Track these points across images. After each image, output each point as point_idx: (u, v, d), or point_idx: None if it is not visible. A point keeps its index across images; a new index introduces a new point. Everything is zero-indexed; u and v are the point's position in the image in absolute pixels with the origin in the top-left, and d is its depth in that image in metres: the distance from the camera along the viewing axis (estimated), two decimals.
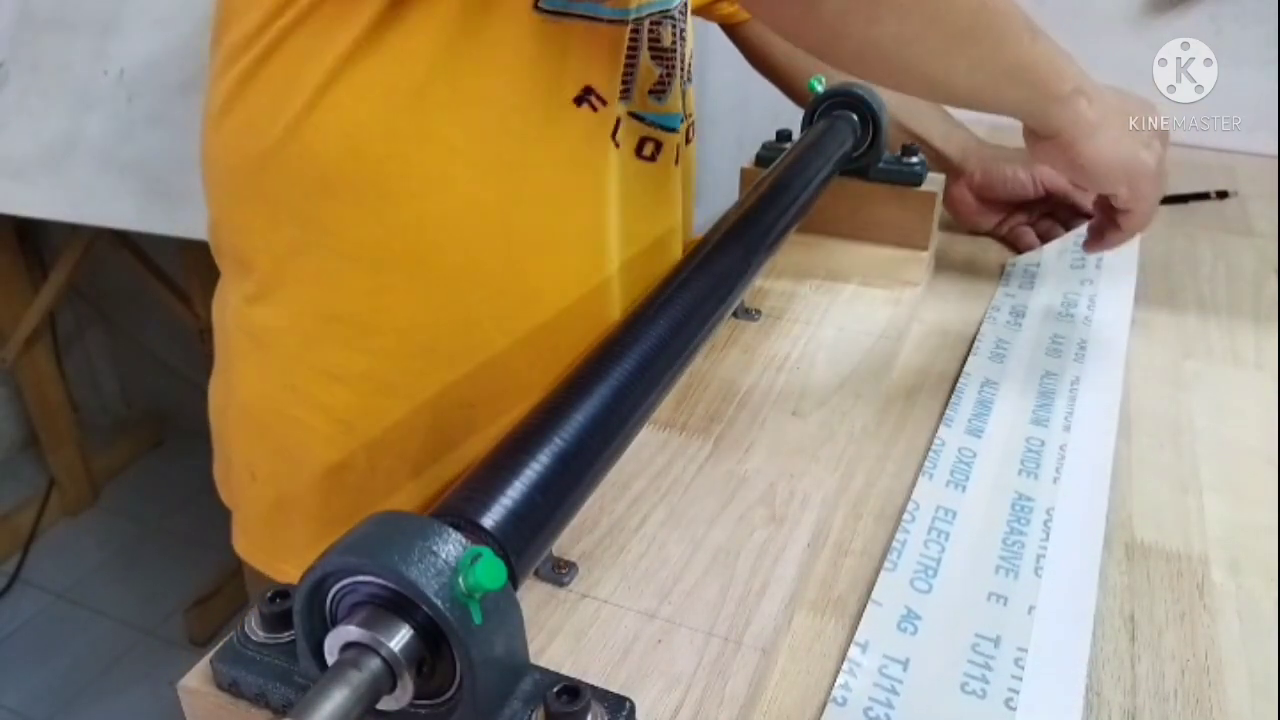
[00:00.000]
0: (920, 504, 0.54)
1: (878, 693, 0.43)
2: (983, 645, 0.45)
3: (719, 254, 0.55)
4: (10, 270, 1.76)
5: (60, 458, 1.92)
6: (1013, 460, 0.58)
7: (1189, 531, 0.54)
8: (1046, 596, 0.48)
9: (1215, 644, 0.46)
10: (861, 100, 0.73)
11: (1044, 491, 0.55)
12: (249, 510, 0.73)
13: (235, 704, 0.36)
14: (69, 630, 1.73)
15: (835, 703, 0.43)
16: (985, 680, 0.44)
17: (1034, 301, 0.76)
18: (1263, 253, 0.87)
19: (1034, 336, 0.71)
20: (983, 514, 0.54)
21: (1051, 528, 0.53)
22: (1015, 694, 0.43)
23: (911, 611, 0.47)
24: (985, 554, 0.51)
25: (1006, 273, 0.81)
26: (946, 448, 0.59)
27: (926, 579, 0.49)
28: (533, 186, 0.60)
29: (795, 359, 0.65)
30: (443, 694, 0.33)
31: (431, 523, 0.32)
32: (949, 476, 0.57)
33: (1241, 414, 0.63)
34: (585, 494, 0.41)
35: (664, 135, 0.66)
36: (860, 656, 0.45)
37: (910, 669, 0.44)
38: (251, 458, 0.71)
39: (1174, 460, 0.59)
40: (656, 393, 0.46)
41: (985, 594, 0.48)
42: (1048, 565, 0.50)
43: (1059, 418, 0.62)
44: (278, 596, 0.36)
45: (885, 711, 0.42)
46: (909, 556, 0.51)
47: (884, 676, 0.44)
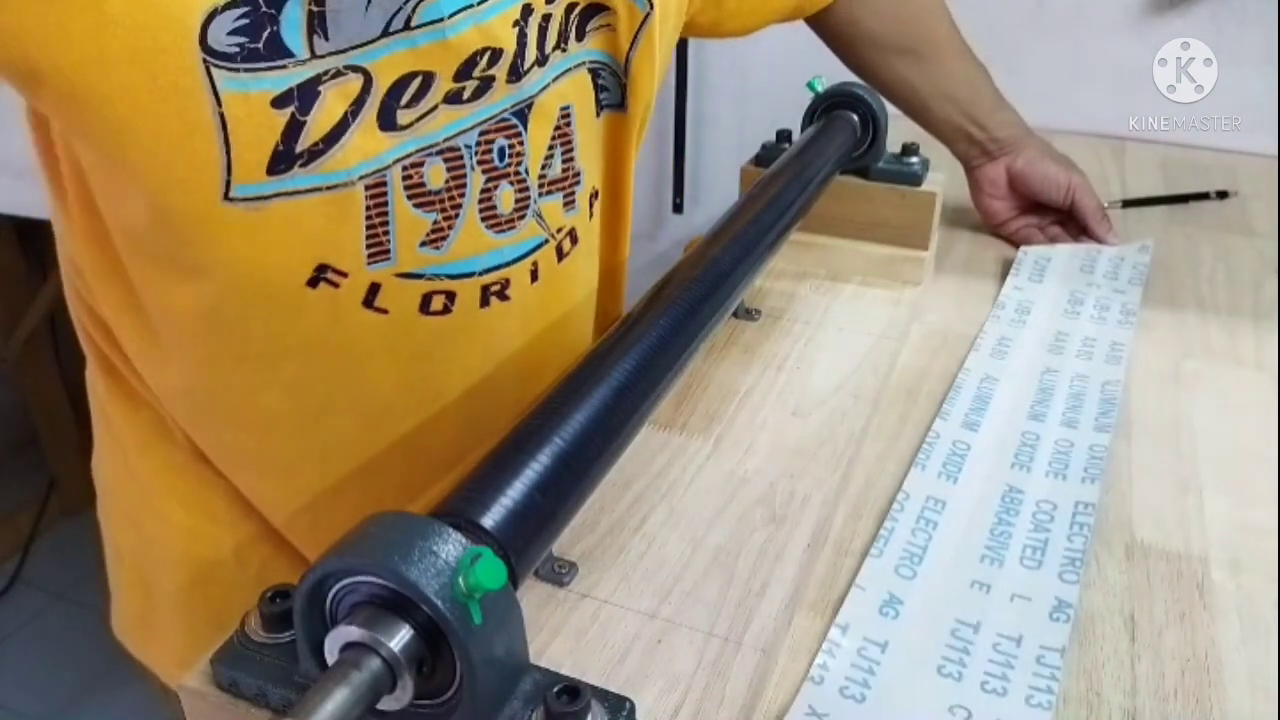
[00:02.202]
0: (910, 494, 0.55)
1: (855, 673, 0.44)
2: (962, 630, 0.46)
3: (719, 254, 0.55)
4: (10, 270, 1.76)
5: (60, 458, 1.91)
6: (1006, 453, 0.58)
7: (1189, 531, 0.54)
8: (1031, 586, 0.48)
9: (1215, 644, 0.46)
10: (861, 100, 0.73)
11: (1036, 484, 0.56)
12: (121, 592, 0.72)
13: (235, 704, 0.36)
14: (69, 630, 1.73)
15: (812, 681, 0.43)
16: (963, 664, 0.44)
17: (1041, 298, 0.76)
18: (1263, 253, 0.87)
19: (1037, 335, 0.71)
20: (972, 505, 0.54)
21: (1040, 520, 0.53)
22: (992, 678, 0.43)
23: (894, 597, 0.48)
24: (972, 543, 0.51)
25: (1017, 263, 0.81)
26: (941, 440, 0.59)
27: (911, 566, 0.50)
28: (291, 376, 0.55)
29: (795, 359, 0.65)
30: (443, 694, 0.33)
31: (431, 523, 0.32)
32: (941, 468, 0.57)
33: (1241, 414, 0.63)
34: (585, 494, 0.41)
35: (457, 284, 0.55)
36: (840, 638, 0.46)
37: (889, 651, 0.45)
38: (120, 542, 0.70)
39: (1174, 460, 0.59)
40: (656, 393, 0.46)
41: (969, 581, 0.49)
42: (1033, 556, 0.50)
43: (1056, 413, 0.62)
44: (278, 596, 0.36)
45: (861, 690, 0.43)
46: (895, 544, 0.51)
47: (862, 658, 0.45)
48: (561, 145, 0.58)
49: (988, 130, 0.84)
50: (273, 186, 0.46)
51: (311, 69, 0.45)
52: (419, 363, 0.57)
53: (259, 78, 0.43)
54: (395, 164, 0.50)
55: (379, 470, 0.60)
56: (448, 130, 0.51)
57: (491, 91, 0.52)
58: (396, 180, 0.50)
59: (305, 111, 0.45)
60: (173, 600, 0.66)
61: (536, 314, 0.61)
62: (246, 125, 0.44)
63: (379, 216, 0.50)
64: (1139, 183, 1.02)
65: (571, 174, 0.59)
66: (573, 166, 0.59)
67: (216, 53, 0.42)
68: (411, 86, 0.49)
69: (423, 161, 0.51)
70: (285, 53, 0.44)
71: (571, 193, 0.60)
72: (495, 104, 0.53)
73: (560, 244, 0.60)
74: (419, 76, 0.49)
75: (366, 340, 0.54)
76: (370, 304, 0.53)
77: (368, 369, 0.56)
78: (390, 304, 0.53)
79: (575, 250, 0.62)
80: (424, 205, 0.52)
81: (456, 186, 0.53)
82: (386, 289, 0.53)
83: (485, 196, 0.54)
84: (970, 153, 0.86)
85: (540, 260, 0.59)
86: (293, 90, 0.44)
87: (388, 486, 0.60)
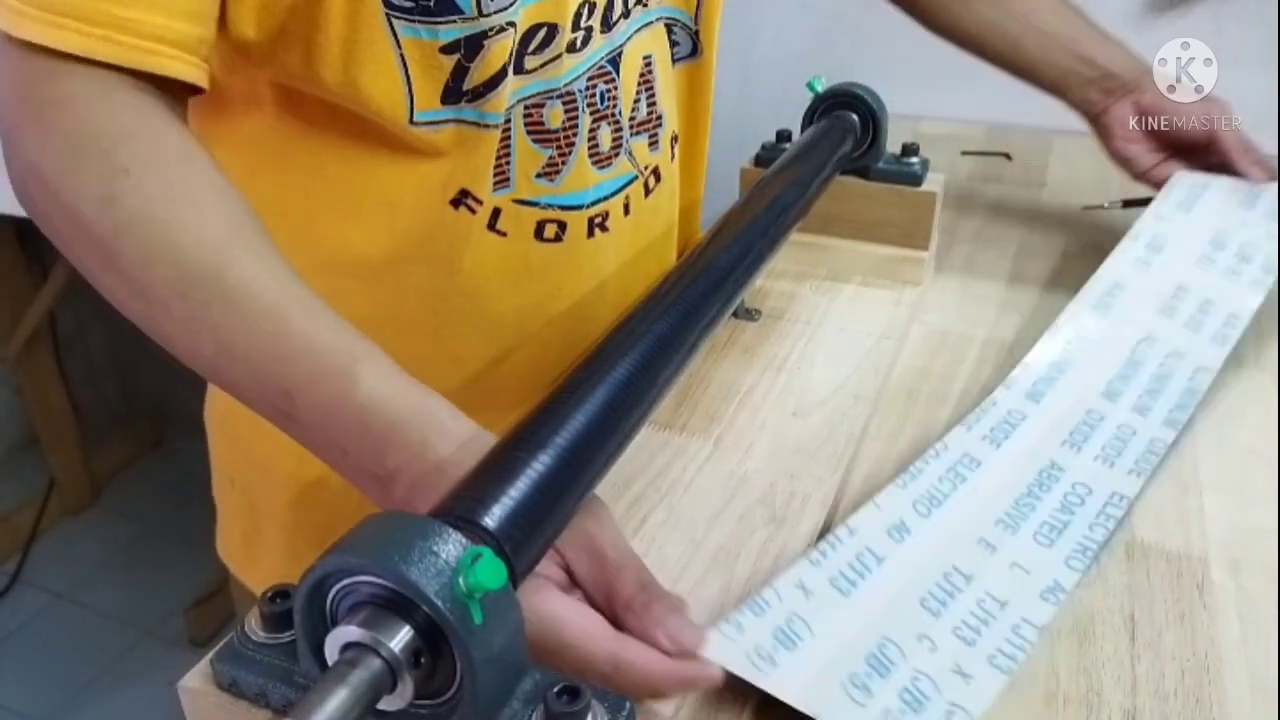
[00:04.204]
0: (949, 446, 0.55)
1: (849, 570, 0.46)
2: (955, 577, 0.47)
3: (719, 254, 0.55)
4: (10, 270, 1.76)
5: (60, 458, 1.92)
6: (1062, 430, 0.57)
7: (1189, 531, 0.54)
8: (1035, 561, 0.48)
9: (1215, 644, 0.46)
10: (861, 100, 0.73)
11: (1080, 466, 0.55)
12: (227, 514, 0.74)
13: (235, 704, 0.36)
14: (69, 630, 1.73)
15: (810, 561, 0.46)
16: (944, 605, 0.45)
17: (1179, 234, 0.69)
18: None
19: (1155, 285, 0.66)
20: (1008, 471, 0.54)
21: (1070, 501, 0.52)
22: (966, 627, 0.44)
23: (904, 525, 0.49)
24: (993, 505, 0.51)
25: (1167, 188, 0.75)
26: (997, 408, 0.58)
27: (929, 506, 0.51)
28: (413, 286, 0.61)
29: (795, 359, 0.65)
30: (443, 694, 0.33)
31: (432, 523, 0.33)
32: (988, 432, 0.56)
33: (1241, 414, 0.63)
34: (585, 494, 0.41)
35: (568, 215, 0.62)
36: (847, 538, 0.48)
37: (884, 566, 0.47)
38: (229, 464, 0.72)
39: (1174, 460, 0.59)
40: (656, 393, 0.46)
41: (978, 538, 0.49)
42: (1048, 534, 0.50)
43: (1132, 395, 0.59)
44: (278, 596, 0.36)
45: (848, 587, 0.45)
46: (921, 483, 0.52)
47: (859, 561, 0.46)
48: (645, 90, 0.65)
49: (1099, 65, 0.77)
50: (446, 114, 0.55)
51: (478, 26, 0.52)
52: (533, 285, 0.63)
53: (432, 29, 0.52)
54: (519, 103, 0.57)
55: (494, 390, 0.65)
56: (567, 76, 0.58)
57: (592, 41, 0.59)
58: (518, 118, 0.58)
59: (470, 59, 0.53)
60: (278, 522, 0.69)
61: (629, 244, 0.67)
62: (420, 65, 0.53)
63: (504, 148, 0.58)
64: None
65: (655, 116, 0.66)
66: (655, 110, 0.66)
67: (394, 5, 0.51)
68: (539, 35, 0.56)
69: (544, 103, 0.58)
70: (455, 10, 0.52)
71: (656, 134, 0.66)
72: (596, 52, 0.60)
73: (646, 181, 0.67)
74: (545, 27, 0.56)
75: (489, 260, 0.61)
76: (493, 226, 0.60)
77: (491, 288, 0.62)
78: (509, 228, 0.60)
79: (659, 188, 0.68)
80: (542, 141, 0.59)
81: (571, 126, 0.60)
82: (506, 213, 0.60)
83: (591, 136, 0.61)
84: (1088, 96, 0.78)
85: (631, 195, 0.65)
86: (460, 40, 0.53)
87: (501, 405, 0.63)
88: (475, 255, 0.60)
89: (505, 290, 0.63)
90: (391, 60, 0.52)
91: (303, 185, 0.59)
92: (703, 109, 0.72)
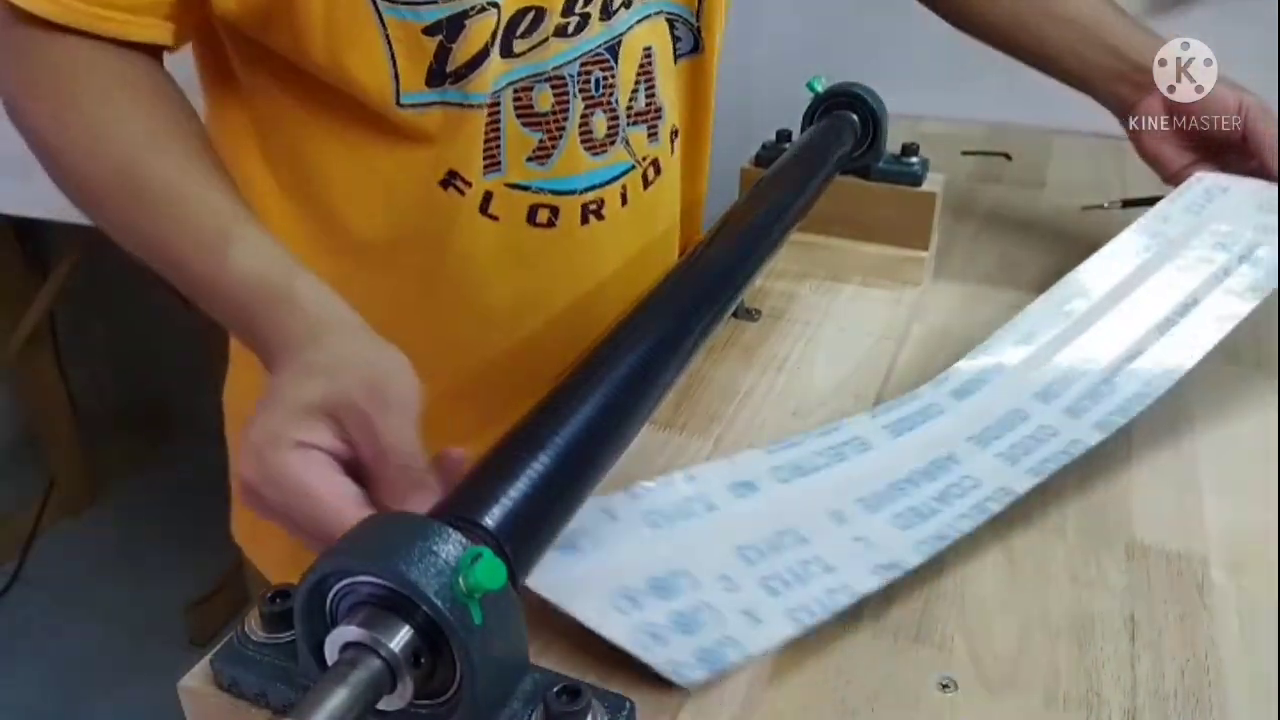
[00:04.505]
0: (841, 428, 0.55)
1: (671, 510, 0.46)
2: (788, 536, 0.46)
3: (719, 254, 0.55)
4: (10, 270, 1.76)
5: (60, 458, 1.92)
6: (973, 426, 0.55)
7: (1189, 531, 0.54)
8: (882, 538, 0.47)
9: (1215, 644, 0.46)
10: (861, 100, 0.73)
11: (977, 462, 0.52)
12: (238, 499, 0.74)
13: (235, 704, 0.36)
14: (69, 630, 1.73)
15: (629, 494, 0.46)
16: (763, 556, 0.45)
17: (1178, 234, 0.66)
18: None
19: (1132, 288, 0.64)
20: (894, 459, 0.53)
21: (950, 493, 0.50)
22: (778, 580, 0.44)
23: (753, 484, 0.49)
24: (862, 485, 0.50)
25: (1184, 185, 0.71)
26: (918, 400, 0.57)
27: (791, 474, 0.51)
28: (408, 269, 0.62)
29: (795, 359, 0.65)
30: (443, 694, 0.33)
31: (431, 523, 0.33)
32: (892, 423, 0.55)
33: (1241, 414, 0.63)
34: (585, 494, 0.41)
35: (560, 199, 0.62)
36: (682, 482, 0.48)
37: (713, 515, 0.47)
38: None
39: (1174, 460, 0.59)
40: (656, 393, 0.46)
41: (830, 510, 0.48)
42: (909, 519, 0.49)
43: (1071, 398, 0.57)
44: (278, 596, 0.36)
45: (664, 523, 0.45)
46: (792, 453, 0.52)
47: (686, 505, 0.47)
48: (645, 81, 0.65)
49: (1128, 57, 0.72)
50: (431, 96, 0.56)
51: (459, 5, 0.54)
52: (528, 272, 0.64)
53: (415, 9, 0.53)
54: (508, 86, 0.58)
55: (493, 378, 0.67)
56: (556, 60, 0.59)
57: (589, 27, 0.60)
58: (508, 101, 0.59)
59: (452, 40, 0.55)
60: None
61: (629, 238, 0.68)
62: (405, 46, 0.54)
63: (493, 131, 0.59)
64: (1139, 183, 1.02)
65: (654, 108, 0.66)
66: (655, 101, 0.66)
67: None
68: (527, 19, 0.57)
69: (532, 86, 0.59)
70: None
71: (655, 125, 0.67)
72: (592, 39, 0.60)
73: (645, 172, 0.67)
74: (533, 11, 0.57)
75: (482, 244, 0.62)
76: (485, 210, 0.61)
77: (483, 273, 0.63)
78: (501, 211, 0.61)
79: (659, 181, 0.68)
80: (531, 125, 0.60)
81: (560, 110, 0.61)
82: (498, 197, 0.61)
83: (584, 121, 0.62)
84: (1118, 90, 0.74)
85: (628, 184, 0.66)
86: (441, 22, 0.54)
87: (500, 395, 0.63)
88: (467, 239, 0.61)
89: (499, 277, 0.63)
90: (378, 42, 0.54)
91: (306, 169, 0.61)
92: (704, 106, 0.72)
